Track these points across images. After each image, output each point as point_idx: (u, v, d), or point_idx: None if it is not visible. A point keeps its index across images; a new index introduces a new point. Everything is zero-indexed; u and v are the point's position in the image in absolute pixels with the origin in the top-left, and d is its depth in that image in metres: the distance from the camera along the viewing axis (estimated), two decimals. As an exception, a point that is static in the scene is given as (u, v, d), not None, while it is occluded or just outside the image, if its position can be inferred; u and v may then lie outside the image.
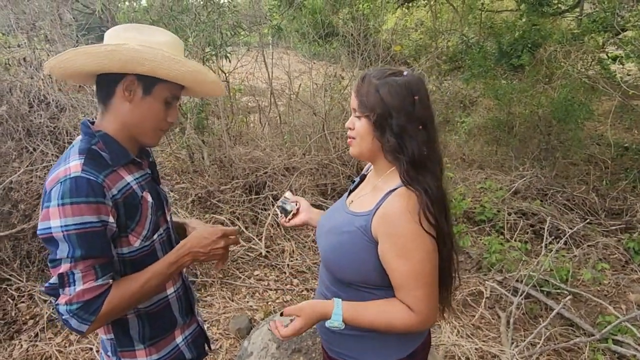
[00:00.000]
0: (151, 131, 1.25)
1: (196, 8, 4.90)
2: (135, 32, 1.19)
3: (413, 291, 1.18)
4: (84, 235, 1.07)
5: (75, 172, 1.09)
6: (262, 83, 6.08)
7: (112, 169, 1.17)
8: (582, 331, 3.02)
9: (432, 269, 1.19)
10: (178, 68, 1.18)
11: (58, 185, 1.08)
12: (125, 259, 1.20)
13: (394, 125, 1.19)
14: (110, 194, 1.13)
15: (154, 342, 1.32)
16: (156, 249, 1.28)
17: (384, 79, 1.21)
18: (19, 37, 4.02)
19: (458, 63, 8.77)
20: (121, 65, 1.14)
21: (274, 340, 2.43)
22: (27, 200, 3.32)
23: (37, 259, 3.31)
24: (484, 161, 6.30)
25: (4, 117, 3.40)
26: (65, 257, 1.07)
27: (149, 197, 1.25)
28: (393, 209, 1.17)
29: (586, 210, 4.80)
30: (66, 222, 1.06)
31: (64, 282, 1.08)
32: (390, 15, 9.75)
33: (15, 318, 3.02)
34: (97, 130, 1.20)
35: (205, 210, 4.20)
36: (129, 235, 1.19)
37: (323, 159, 4.87)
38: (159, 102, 1.23)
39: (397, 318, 1.20)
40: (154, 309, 1.30)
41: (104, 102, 1.21)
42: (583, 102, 5.63)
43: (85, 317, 1.09)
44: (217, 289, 3.47)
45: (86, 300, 1.08)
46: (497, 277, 3.57)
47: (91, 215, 1.08)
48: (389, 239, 1.17)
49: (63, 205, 1.06)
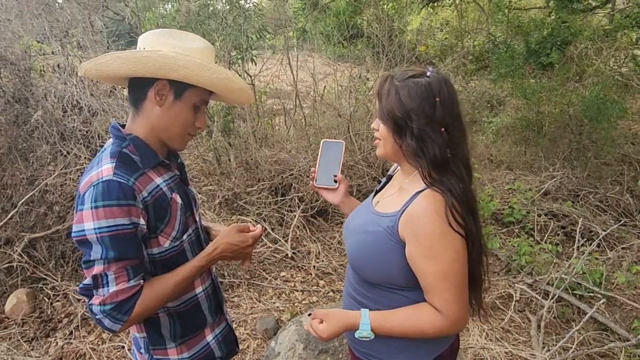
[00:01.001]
0: (179, 136, 1.27)
1: (222, 13, 4.97)
2: (169, 37, 1.21)
3: (441, 293, 1.16)
4: (117, 238, 1.10)
5: (107, 176, 1.11)
6: (287, 86, 6.10)
7: (142, 171, 1.20)
8: (617, 336, 2.93)
9: (461, 269, 1.17)
10: (209, 75, 1.20)
11: (91, 188, 1.11)
12: (155, 260, 1.23)
13: (414, 129, 1.18)
14: (141, 196, 1.15)
15: (185, 341, 1.35)
16: (185, 249, 1.30)
17: (404, 80, 1.19)
18: (53, 44, 4.15)
19: (485, 62, 8.62)
20: (154, 70, 1.16)
21: (301, 340, 2.44)
22: (62, 202, 3.42)
23: (71, 259, 3.41)
24: (513, 162, 6.18)
25: (40, 122, 3.52)
26: (98, 258, 1.10)
27: (178, 199, 1.27)
28: (420, 210, 1.16)
29: (620, 212, 4.66)
30: (99, 225, 1.09)
31: (98, 283, 1.11)
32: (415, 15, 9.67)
33: (51, 316, 3.12)
34: (127, 134, 1.23)
35: (232, 212, 4.25)
36: (159, 236, 1.22)
37: (348, 161, 4.86)
38: (188, 107, 1.24)
39: (426, 323, 1.18)
40: (183, 308, 1.33)
41: (135, 105, 1.24)
42: (616, 100, 5.45)
43: (118, 317, 1.12)
44: (244, 289, 3.51)
45: (119, 300, 1.11)
46: (527, 279, 3.49)
47: (123, 217, 1.11)
48: (416, 240, 1.16)
49: (96, 208, 1.09)
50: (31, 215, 3.37)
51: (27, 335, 2.98)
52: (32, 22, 4.01)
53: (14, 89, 3.66)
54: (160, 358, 1.34)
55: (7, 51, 3.69)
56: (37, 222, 3.38)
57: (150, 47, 1.19)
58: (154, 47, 1.18)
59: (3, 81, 3.73)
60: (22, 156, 3.53)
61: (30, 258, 3.32)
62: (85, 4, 4.42)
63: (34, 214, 3.37)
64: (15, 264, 3.22)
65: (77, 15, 4.40)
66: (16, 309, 3.11)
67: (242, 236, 1.33)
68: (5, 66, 3.68)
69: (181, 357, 1.34)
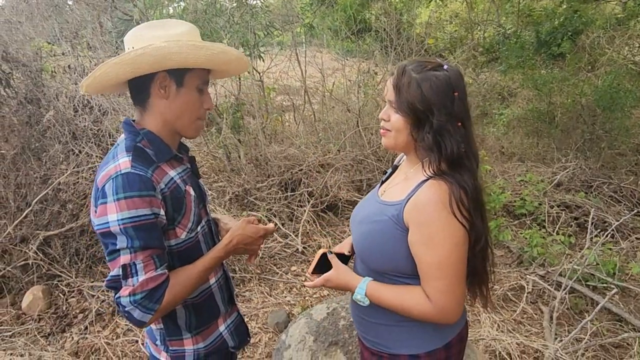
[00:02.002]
0: (191, 122, 1.29)
1: (229, 10, 4.99)
2: (151, 29, 1.21)
3: (434, 281, 1.17)
4: (140, 228, 1.12)
5: (126, 169, 1.13)
6: (295, 82, 6.11)
7: (157, 165, 1.21)
8: (631, 326, 2.90)
9: (458, 262, 1.17)
10: (204, 53, 1.21)
11: (110, 181, 1.12)
12: (173, 251, 1.25)
13: (434, 123, 1.17)
14: (159, 187, 1.17)
15: (200, 331, 1.37)
16: (199, 241, 1.33)
17: (424, 72, 1.18)
18: (63, 45, 4.21)
19: (495, 54, 8.51)
20: (151, 65, 1.17)
21: (311, 333, 2.45)
22: (75, 200, 3.48)
23: (85, 256, 3.47)
24: (524, 153, 6.12)
25: (52, 122, 3.58)
26: (124, 247, 1.11)
27: (192, 191, 1.29)
28: (425, 199, 1.16)
29: (635, 202, 4.60)
30: (122, 216, 1.10)
31: (127, 272, 1.12)
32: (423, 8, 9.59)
33: (66, 312, 3.18)
34: (141, 128, 1.25)
35: (242, 208, 4.28)
36: (176, 227, 1.24)
37: (358, 155, 4.86)
38: (192, 92, 1.26)
39: (413, 304, 1.21)
40: (199, 299, 1.35)
41: (141, 104, 1.26)
42: (630, 89, 5.36)
43: (149, 306, 1.13)
44: (256, 284, 3.53)
45: (150, 289, 1.13)
46: (539, 271, 3.46)
47: (145, 208, 1.12)
48: (419, 227, 1.17)
49: (118, 200, 1.10)
50: (45, 214, 3.43)
51: (44, 330, 3.04)
52: (43, 24, 4.06)
53: (26, 90, 3.72)
54: (177, 349, 1.36)
55: (18, 53, 3.75)
56: (51, 220, 3.44)
57: (138, 45, 1.18)
58: (141, 43, 1.17)
59: (15, 82, 3.79)
60: (35, 156, 3.59)
61: (45, 255, 3.38)
62: (94, 5, 4.47)
63: (48, 212, 3.42)
64: (30, 262, 3.28)
65: (86, 16, 4.45)
66: (32, 305, 3.17)
67: (254, 228, 1.36)
68: (17, 68, 3.74)
69: (197, 347, 1.37)
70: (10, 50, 3.67)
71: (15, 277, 3.32)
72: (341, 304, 2.61)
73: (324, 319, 2.51)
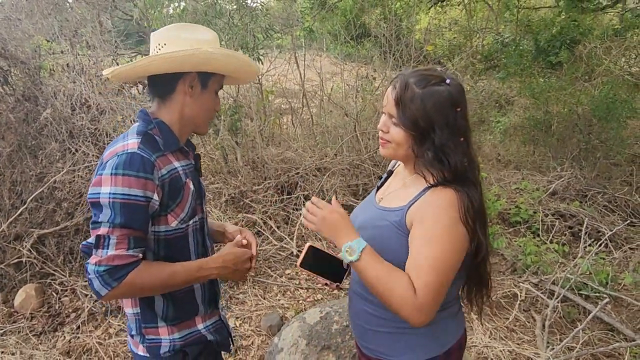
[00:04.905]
0: (206, 121, 1.41)
1: (229, 12, 5.00)
2: (182, 31, 1.31)
3: (426, 276, 1.13)
4: (127, 206, 1.17)
5: (132, 149, 1.20)
6: (294, 85, 6.13)
7: (163, 153, 1.28)
8: (623, 336, 2.91)
9: (453, 265, 1.17)
10: (235, 63, 1.36)
11: (115, 157, 1.19)
12: (161, 238, 1.29)
13: (436, 140, 1.17)
14: (160, 173, 1.23)
15: (176, 323, 1.38)
16: (188, 234, 1.36)
17: (427, 88, 1.17)
18: (62, 43, 4.21)
19: (493, 62, 8.57)
20: (194, 65, 1.27)
21: (304, 337, 2.45)
22: (70, 199, 3.47)
23: (79, 255, 3.46)
24: (520, 161, 6.15)
25: (49, 120, 3.57)
26: (105, 221, 1.16)
27: (191, 185, 1.35)
28: (434, 200, 1.18)
29: (629, 212, 4.62)
30: (115, 191, 1.16)
31: (99, 243, 1.17)
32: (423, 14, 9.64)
33: (59, 311, 3.17)
34: (154, 118, 1.32)
35: (238, 210, 4.28)
36: (168, 214, 1.29)
37: (354, 160, 4.87)
38: (212, 94, 1.38)
39: (398, 287, 1.14)
40: (178, 293, 1.36)
41: (162, 96, 1.33)
42: (626, 100, 5.41)
43: (108, 281, 1.16)
44: (250, 286, 3.53)
45: (114, 265, 1.17)
46: (533, 279, 3.48)
47: (138, 189, 1.18)
48: (424, 223, 1.17)
49: (115, 175, 1.17)
50: (40, 212, 3.42)
51: (36, 329, 3.02)
52: (42, 22, 4.05)
53: (24, 88, 3.71)
54: (152, 338, 1.36)
55: (17, 50, 3.75)
56: (46, 218, 3.43)
57: (169, 43, 1.28)
58: (179, 43, 1.27)
59: (13, 80, 3.79)
60: (31, 153, 3.58)
61: (39, 254, 3.37)
62: (94, 3, 4.46)
63: (43, 210, 3.42)
64: (24, 260, 3.27)
65: (86, 14, 4.45)
66: (25, 304, 3.16)
67: (242, 251, 1.40)
68: (15, 65, 3.73)
69: (172, 337, 1.38)
70: (9, 47, 3.67)
71: (9, 275, 3.30)
72: (334, 308, 2.61)
73: (317, 322, 2.51)
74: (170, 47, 1.28)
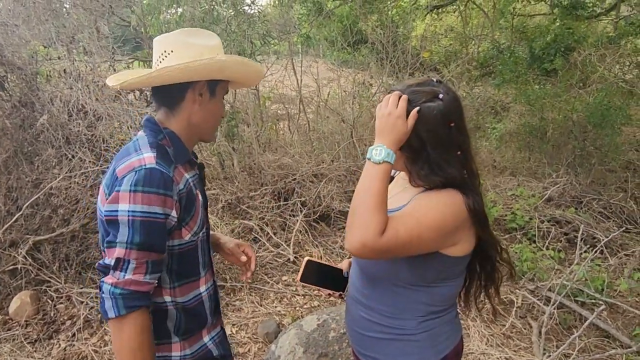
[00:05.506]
0: (214, 128, 1.39)
1: (227, 18, 5.02)
2: (189, 37, 1.28)
3: (402, 225, 1.11)
4: (147, 224, 1.13)
5: (151, 164, 1.16)
6: (291, 91, 6.14)
7: (175, 165, 1.25)
8: (619, 343, 2.92)
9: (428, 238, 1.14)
10: (246, 70, 1.34)
11: (132, 173, 1.14)
12: (175, 252, 1.27)
13: (431, 157, 1.18)
14: (178, 188, 1.21)
15: (187, 337, 1.36)
16: (198, 246, 1.34)
17: (419, 104, 1.17)
18: (59, 49, 4.21)
19: (489, 69, 8.63)
20: (207, 74, 1.25)
21: (301, 344, 2.45)
22: (66, 206, 3.45)
23: (75, 261, 3.44)
24: (516, 168, 6.17)
25: (45, 126, 3.56)
26: (123, 241, 1.13)
27: (200, 196, 1.34)
28: (438, 194, 1.18)
29: (624, 219, 4.64)
30: (134, 208, 1.12)
31: (118, 265, 1.14)
32: (419, 21, 9.70)
33: (54, 318, 3.14)
34: (164, 127, 1.28)
35: (234, 216, 4.27)
36: (183, 228, 1.26)
37: (351, 166, 4.88)
38: (219, 101, 1.35)
39: (373, 217, 1.09)
40: (190, 305, 1.34)
41: (170, 105, 1.29)
42: (620, 107, 5.45)
43: (120, 305, 1.14)
44: (246, 293, 3.52)
45: (130, 290, 1.14)
46: (529, 286, 3.48)
47: (158, 206, 1.15)
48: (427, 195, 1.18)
49: (135, 192, 1.13)
50: (36, 218, 3.40)
51: (30, 336, 3.00)
52: (39, 28, 4.06)
53: (20, 94, 3.71)
54: (164, 355, 1.34)
55: (14, 56, 3.74)
56: (42, 224, 3.42)
57: (176, 50, 1.24)
58: (181, 50, 1.24)
59: (10, 85, 3.78)
60: (27, 159, 3.57)
61: (34, 260, 3.34)
62: (91, 9, 4.47)
63: (39, 216, 3.40)
64: (19, 266, 3.25)
65: (83, 20, 4.45)
66: (20, 311, 3.14)
67: None
68: (12, 71, 3.73)
69: (183, 353, 1.36)
70: (5, 53, 3.66)
71: (3, 282, 3.28)
72: (332, 315, 2.61)
73: (314, 330, 2.51)
74: (177, 54, 1.24)
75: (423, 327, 1.29)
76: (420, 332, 1.29)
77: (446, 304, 1.32)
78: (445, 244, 1.19)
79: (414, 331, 1.29)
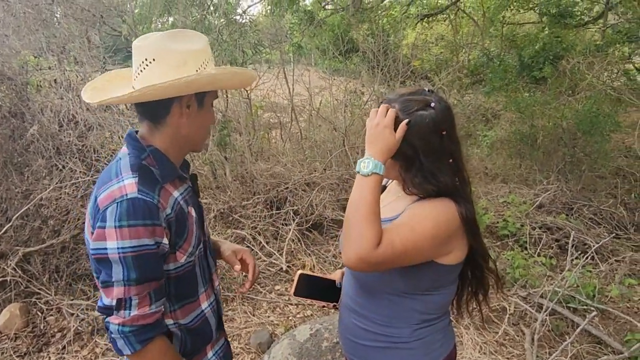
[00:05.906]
0: (203, 139, 1.30)
1: (218, 28, 5.03)
2: (173, 42, 1.16)
3: (397, 235, 1.12)
4: (140, 258, 1.08)
5: (132, 193, 1.09)
6: (283, 99, 6.16)
7: (161, 185, 1.17)
8: (610, 349, 2.93)
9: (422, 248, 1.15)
10: (239, 78, 1.29)
11: (114, 205, 1.08)
12: (171, 276, 1.21)
13: (423, 165, 1.19)
14: (165, 213, 1.14)
15: (192, 358, 1.33)
16: (195, 264, 1.28)
17: (410, 115, 1.18)
18: (50, 59, 4.19)
19: (480, 76, 8.73)
20: (197, 88, 1.16)
21: (294, 354, 2.43)
22: (56, 217, 3.42)
23: (65, 273, 3.40)
24: (507, 175, 6.22)
25: (35, 136, 3.54)
26: (120, 280, 1.08)
27: (193, 212, 1.26)
28: (432, 203, 1.19)
29: (614, 225, 4.68)
30: (123, 245, 1.06)
31: (121, 305, 1.10)
32: (410, 30, 9.79)
33: (44, 331, 3.10)
34: (147, 145, 1.19)
35: (227, 226, 4.26)
36: (177, 252, 1.20)
37: (344, 174, 4.89)
38: (208, 110, 1.26)
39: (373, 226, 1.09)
40: (194, 325, 1.30)
41: (154, 120, 1.20)
42: (609, 114, 5.52)
43: (132, 341, 1.11)
44: (239, 303, 3.50)
45: (140, 325, 1.11)
46: (521, 292, 3.50)
47: (148, 237, 1.09)
48: (416, 208, 1.19)
49: (120, 227, 1.06)
50: (26, 229, 3.37)
51: (20, 350, 2.96)
52: (29, 37, 4.05)
53: (10, 104, 3.68)
54: None
55: (4, 66, 3.72)
56: (32, 236, 3.38)
57: (159, 58, 1.14)
58: (164, 58, 1.15)
59: (0, 96, 3.75)
60: (17, 170, 3.54)
61: (24, 272, 3.30)
62: (82, 19, 4.46)
63: (29, 228, 3.37)
64: (9, 278, 3.20)
65: (74, 30, 4.44)
66: (9, 324, 3.10)
67: None
68: (2, 81, 3.71)
69: None
70: (-5, 64, 3.65)
71: (-8, 294, 3.24)
72: (324, 324, 2.60)
73: (307, 340, 2.50)
74: (159, 63, 1.14)
75: (417, 335, 1.29)
76: (413, 340, 1.29)
77: (439, 311, 1.33)
78: (439, 253, 1.20)
79: (408, 339, 1.29)
